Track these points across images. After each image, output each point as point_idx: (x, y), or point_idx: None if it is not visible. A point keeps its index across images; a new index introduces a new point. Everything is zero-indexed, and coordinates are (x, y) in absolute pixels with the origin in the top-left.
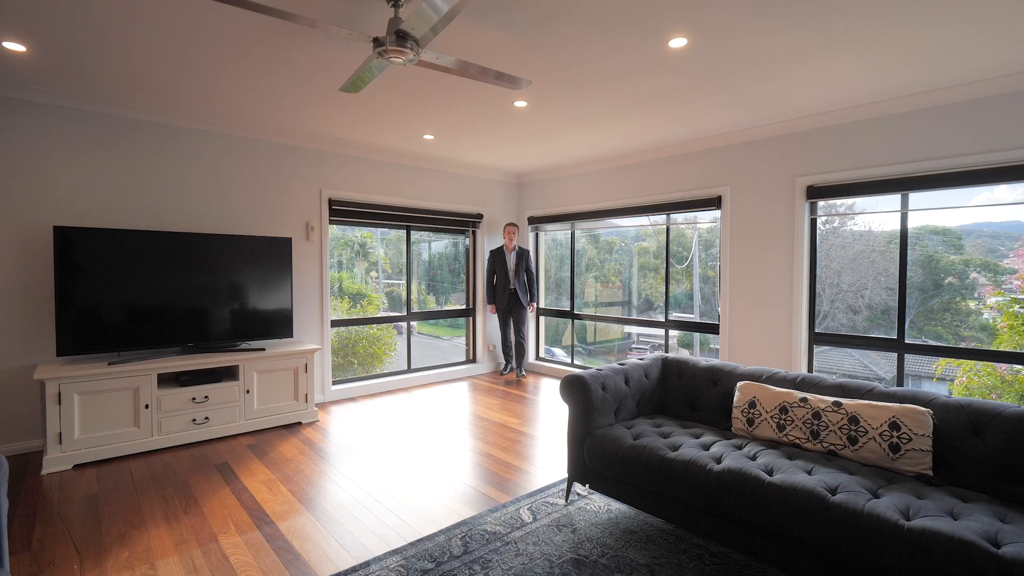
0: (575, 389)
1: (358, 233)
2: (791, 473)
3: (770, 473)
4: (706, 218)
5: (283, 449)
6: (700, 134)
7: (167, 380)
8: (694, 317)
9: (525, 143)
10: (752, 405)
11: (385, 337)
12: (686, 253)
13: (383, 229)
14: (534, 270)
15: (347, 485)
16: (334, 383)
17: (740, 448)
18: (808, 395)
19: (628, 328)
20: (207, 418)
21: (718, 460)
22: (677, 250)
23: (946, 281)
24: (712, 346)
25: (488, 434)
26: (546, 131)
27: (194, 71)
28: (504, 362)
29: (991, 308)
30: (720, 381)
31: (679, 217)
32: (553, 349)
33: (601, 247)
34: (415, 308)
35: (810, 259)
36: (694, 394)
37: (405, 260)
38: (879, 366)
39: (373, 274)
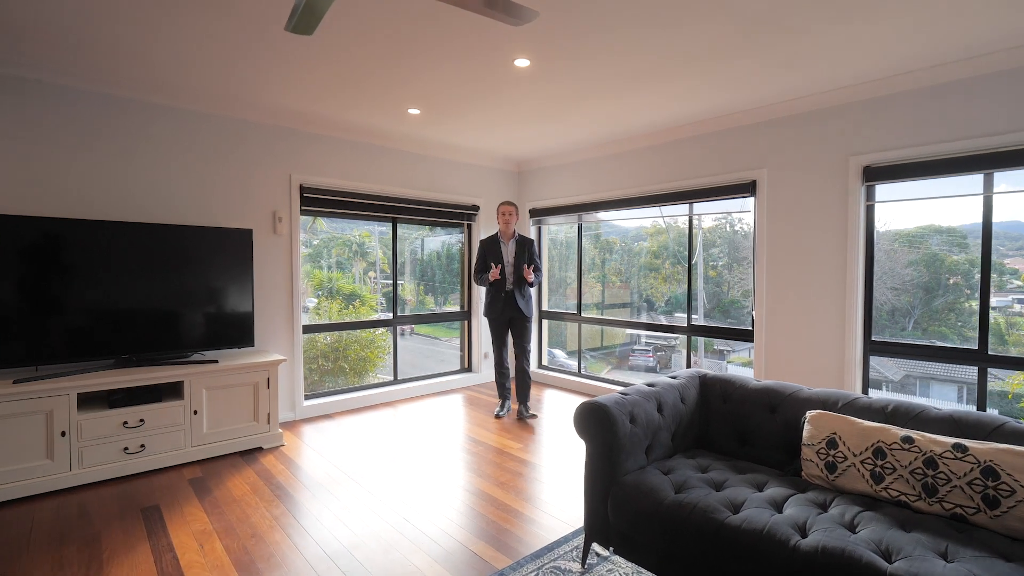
0: (596, 423)
1: (356, 232)
2: (921, 560)
3: (887, 557)
4: (709, 211)
5: (232, 485)
6: (732, 107)
7: (94, 400)
8: (698, 318)
9: (527, 121)
10: (832, 445)
11: (379, 340)
12: (688, 252)
13: (381, 228)
14: (540, 264)
15: (302, 540)
16: (307, 397)
17: (825, 508)
18: (913, 433)
19: (629, 330)
20: (143, 446)
21: (802, 530)
22: (679, 249)
23: (951, 281)
24: (716, 347)
25: (483, 463)
26: (551, 103)
27: (118, 18)
28: (499, 397)
29: (995, 309)
30: (780, 408)
31: (701, 207)
32: (554, 351)
33: (602, 246)
34: (412, 310)
35: (866, 254)
36: (745, 424)
37: (392, 257)
38: (885, 367)
39: (372, 274)
